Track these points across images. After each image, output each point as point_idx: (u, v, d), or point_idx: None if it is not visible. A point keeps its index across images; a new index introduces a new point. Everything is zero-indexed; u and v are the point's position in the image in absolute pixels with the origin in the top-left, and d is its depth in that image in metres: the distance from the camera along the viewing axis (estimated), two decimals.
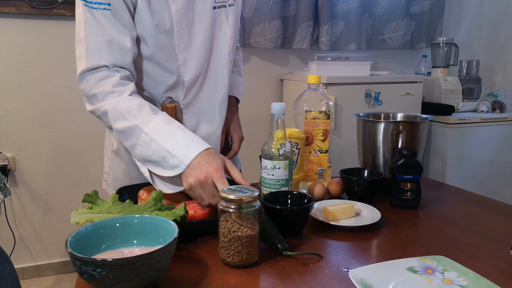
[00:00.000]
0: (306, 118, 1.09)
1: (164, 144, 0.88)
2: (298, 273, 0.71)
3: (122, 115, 0.91)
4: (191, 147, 0.88)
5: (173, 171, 0.88)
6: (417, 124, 1.08)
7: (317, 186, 1.05)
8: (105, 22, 0.92)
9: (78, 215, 0.78)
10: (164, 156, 0.88)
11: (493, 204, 1.06)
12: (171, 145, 0.88)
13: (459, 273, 0.67)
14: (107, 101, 0.92)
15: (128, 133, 0.91)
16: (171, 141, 0.88)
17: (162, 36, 0.99)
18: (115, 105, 0.91)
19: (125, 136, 0.93)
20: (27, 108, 2.29)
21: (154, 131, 0.89)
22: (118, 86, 0.93)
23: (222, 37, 1.08)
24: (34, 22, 2.21)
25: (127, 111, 0.91)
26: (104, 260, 0.57)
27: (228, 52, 1.09)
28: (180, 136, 0.90)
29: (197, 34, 1.04)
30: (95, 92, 0.93)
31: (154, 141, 0.88)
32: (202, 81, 1.09)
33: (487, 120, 2.48)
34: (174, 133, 0.90)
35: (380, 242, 0.84)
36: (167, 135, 0.89)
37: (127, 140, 0.93)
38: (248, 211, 0.71)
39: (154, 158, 0.89)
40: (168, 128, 0.91)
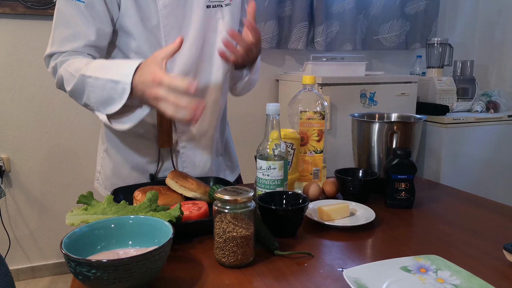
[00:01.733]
0: (301, 119, 1.09)
1: (106, 77, 0.89)
2: (292, 273, 0.71)
3: (72, 74, 0.94)
4: (130, 67, 0.87)
5: (123, 97, 0.87)
6: (411, 124, 1.08)
7: (312, 186, 1.05)
8: (75, 14, 0.96)
9: (73, 217, 0.78)
10: (111, 87, 0.88)
11: (487, 203, 1.07)
12: (112, 74, 0.88)
13: (452, 272, 0.68)
14: (61, 68, 0.97)
15: (79, 86, 0.93)
16: (111, 71, 0.89)
17: (148, 31, 1.00)
18: (67, 68, 0.95)
19: (79, 91, 0.94)
20: (22, 109, 2.28)
21: (94, 71, 0.91)
22: (67, 56, 0.98)
23: (217, 36, 1.08)
24: (28, 22, 2.20)
25: (75, 69, 0.93)
26: (99, 261, 0.57)
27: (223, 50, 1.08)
28: (118, 64, 0.92)
29: (188, 31, 1.04)
30: (51, 66, 1.00)
31: (98, 79, 0.90)
32: (193, 79, 1.06)
33: (481, 120, 2.49)
34: (112, 64, 0.93)
35: (374, 242, 0.84)
36: (108, 68, 0.91)
37: (83, 94, 0.94)
38: (243, 211, 0.72)
39: (105, 95, 0.90)
40: (107, 64, 0.94)
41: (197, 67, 1.08)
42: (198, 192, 0.97)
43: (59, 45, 0.98)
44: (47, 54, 1.01)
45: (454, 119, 2.42)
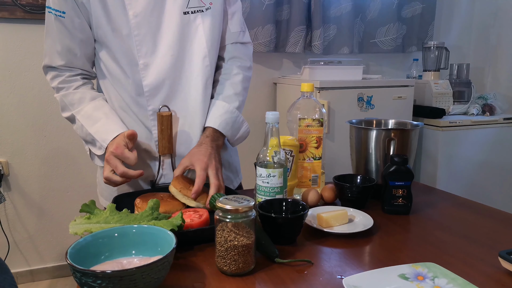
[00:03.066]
0: (300, 126, 1.11)
1: (90, 130, 1.07)
2: (292, 280, 0.73)
3: (67, 106, 1.10)
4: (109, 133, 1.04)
5: (101, 150, 1.06)
6: (408, 131, 1.10)
7: (311, 193, 1.07)
8: (59, 27, 1.05)
9: (76, 226, 0.79)
10: (92, 139, 1.07)
11: (482, 209, 1.09)
12: (95, 131, 1.06)
13: (449, 280, 0.70)
14: (58, 94, 1.12)
15: (72, 119, 1.12)
16: (95, 127, 1.06)
17: (120, 40, 1.04)
18: (62, 98, 1.11)
19: (72, 121, 1.12)
20: (20, 113, 2.29)
21: (83, 119, 1.08)
22: (64, 83, 1.11)
23: (196, 42, 1.08)
24: (27, 26, 2.21)
25: (70, 103, 1.10)
26: (104, 272, 0.58)
27: (203, 57, 1.09)
28: (102, 123, 1.06)
29: (163, 39, 1.05)
30: (51, 85, 1.13)
31: (84, 127, 1.08)
32: (169, 86, 1.08)
33: (477, 123, 2.52)
34: (98, 120, 1.07)
35: (372, 249, 0.86)
36: (93, 122, 1.07)
37: (74, 124, 1.13)
38: (244, 220, 0.73)
39: (89, 139, 1.09)
40: (94, 116, 1.08)
41: (174, 74, 1.08)
42: (201, 202, 0.98)
43: (51, 59, 1.10)
44: (44, 65, 1.12)
45: (450, 122, 2.44)
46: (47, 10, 1.06)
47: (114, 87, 1.11)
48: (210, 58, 1.10)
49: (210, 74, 1.12)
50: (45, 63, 1.11)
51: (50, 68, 1.12)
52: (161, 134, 1.08)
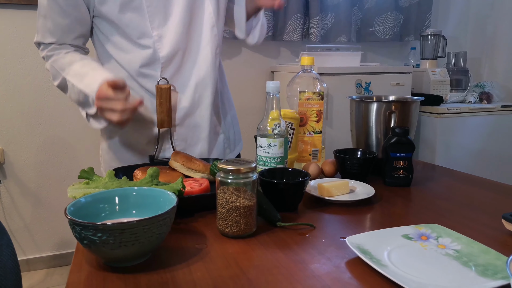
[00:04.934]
0: (300, 99, 1.10)
1: (80, 86, 1.00)
2: (295, 242, 0.72)
3: (58, 72, 1.06)
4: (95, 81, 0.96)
5: (93, 107, 0.99)
6: (409, 104, 1.10)
7: (311, 166, 1.06)
8: (52, 5, 1.01)
9: (75, 190, 0.78)
10: (84, 96, 1.00)
11: (483, 182, 1.09)
12: (84, 85, 0.99)
13: (453, 239, 0.69)
14: (48, 62, 1.08)
15: (63, 85, 1.06)
16: (83, 83, 1.00)
17: (130, 13, 1.01)
18: (52, 64, 1.07)
19: (63, 88, 1.07)
20: (15, 100, 2.26)
21: (72, 77, 1.03)
22: (53, 50, 1.08)
23: (204, 12, 1.09)
24: (22, 12, 2.18)
25: (61, 67, 1.05)
26: (105, 224, 0.57)
27: (211, 27, 1.10)
28: (89, 77, 1.00)
29: (174, 10, 1.05)
30: (41, 55, 1.10)
31: (74, 86, 1.01)
32: (181, 56, 1.09)
33: (474, 111, 2.52)
34: (85, 74, 1.01)
35: (374, 215, 0.85)
36: (81, 78, 1.01)
37: (65, 91, 1.07)
38: (245, 181, 0.72)
39: (81, 100, 1.02)
40: (82, 71, 1.02)
41: (185, 44, 1.08)
42: (206, 173, 0.97)
43: (43, 36, 1.07)
44: (35, 42, 1.10)
45: (448, 110, 2.44)
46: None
47: (119, 61, 1.09)
48: (218, 27, 1.12)
49: (219, 43, 1.14)
50: (36, 40, 1.09)
51: (41, 44, 1.10)
52: (159, 107, 1.07)
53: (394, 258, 0.64)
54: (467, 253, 0.65)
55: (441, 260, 0.63)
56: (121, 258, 0.61)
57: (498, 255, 0.62)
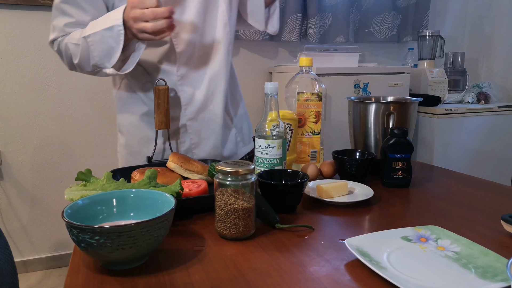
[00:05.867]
0: (299, 100, 1.09)
1: (100, 28, 0.96)
2: (294, 244, 0.71)
3: (76, 44, 1.01)
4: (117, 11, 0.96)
5: (120, 39, 0.95)
6: (407, 105, 1.09)
7: (309, 167, 1.05)
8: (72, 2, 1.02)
9: (72, 192, 0.77)
10: (108, 36, 0.96)
11: (481, 183, 1.09)
12: (105, 23, 0.96)
13: (452, 240, 0.69)
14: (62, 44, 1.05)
15: (84, 51, 1.00)
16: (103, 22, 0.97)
17: None
18: (70, 41, 1.03)
19: (86, 56, 1.01)
20: (13, 101, 2.25)
21: (91, 29, 0.98)
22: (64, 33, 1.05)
23: (217, 10, 1.12)
24: (20, 12, 2.17)
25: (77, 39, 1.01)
26: (102, 227, 0.56)
27: (224, 24, 1.13)
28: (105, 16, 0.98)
29: (190, 7, 1.07)
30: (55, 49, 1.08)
31: (96, 34, 0.97)
32: (196, 52, 1.11)
33: (472, 111, 2.52)
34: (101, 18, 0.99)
35: (373, 217, 0.85)
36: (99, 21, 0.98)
37: (88, 58, 1.01)
38: (244, 183, 0.72)
39: (105, 46, 0.97)
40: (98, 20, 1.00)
41: (200, 41, 1.11)
42: (204, 174, 0.97)
43: (60, 32, 1.05)
44: (50, 40, 1.08)
45: (446, 110, 2.45)
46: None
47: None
48: (230, 25, 1.14)
49: (231, 41, 1.16)
50: (51, 38, 1.08)
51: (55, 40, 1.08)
52: (157, 108, 1.07)
53: (394, 260, 0.63)
54: (466, 255, 0.64)
55: (441, 262, 0.63)
56: (118, 261, 0.61)
57: (498, 257, 0.62)
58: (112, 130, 2.47)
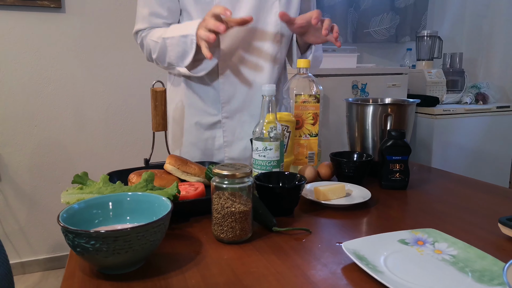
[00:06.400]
0: (296, 102, 1.09)
1: (178, 34, 1.06)
2: (291, 247, 0.71)
3: (155, 42, 1.13)
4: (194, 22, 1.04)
5: (192, 47, 1.04)
6: (405, 107, 1.09)
7: (307, 169, 1.05)
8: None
9: (68, 195, 0.77)
10: (183, 41, 1.06)
11: (479, 184, 1.09)
12: (182, 31, 1.06)
13: (449, 244, 0.69)
14: (145, 41, 1.16)
15: (162, 49, 1.11)
16: (181, 29, 1.07)
17: (201, 5, 1.10)
18: (151, 38, 1.14)
19: (163, 53, 1.12)
20: (10, 102, 2.25)
21: (170, 33, 1.09)
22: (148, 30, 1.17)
23: (270, 17, 1.14)
24: (17, 13, 2.17)
25: (157, 36, 1.12)
26: (98, 232, 0.56)
27: (275, 32, 1.15)
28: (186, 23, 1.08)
29: (241, 8, 1.11)
30: (138, 42, 1.20)
31: (174, 38, 1.08)
32: (241, 54, 1.14)
33: (470, 111, 2.52)
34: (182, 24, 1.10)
35: (370, 219, 0.85)
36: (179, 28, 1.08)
37: (165, 56, 1.12)
38: (241, 186, 0.71)
39: (180, 49, 1.07)
40: (177, 25, 1.11)
41: (246, 44, 1.14)
42: (201, 176, 0.97)
43: (141, 23, 1.17)
44: (134, 31, 1.20)
45: (444, 111, 2.45)
46: None
47: None
48: (281, 34, 1.16)
49: (280, 50, 1.18)
50: (135, 29, 1.19)
51: (139, 32, 1.18)
52: (154, 110, 1.07)
53: (391, 263, 0.63)
54: (463, 259, 0.64)
55: (438, 266, 0.63)
56: (114, 265, 0.60)
57: (495, 261, 0.62)
58: (109, 131, 2.46)
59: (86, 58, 2.35)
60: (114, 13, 2.36)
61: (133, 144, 2.51)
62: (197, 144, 1.23)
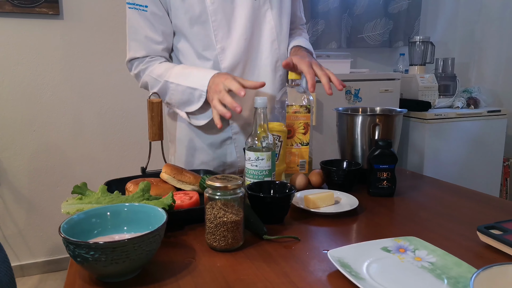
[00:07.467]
0: (288, 112, 1.13)
1: (186, 84, 1.08)
2: (280, 255, 0.75)
3: (155, 79, 1.13)
4: (205, 77, 1.06)
5: (200, 101, 1.08)
6: (393, 117, 1.14)
7: (298, 177, 1.09)
8: (142, 20, 1.12)
9: (68, 206, 0.81)
10: (189, 92, 1.08)
11: (464, 191, 1.13)
12: (191, 82, 1.08)
13: (429, 251, 0.73)
14: (144, 75, 1.16)
15: (163, 89, 1.13)
16: (190, 80, 1.08)
17: (197, 26, 1.11)
18: (150, 74, 1.14)
19: (163, 93, 1.14)
20: (9, 107, 2.28)
21: (176, 78, 1.10)
22: (147, 63, 1.16)
23: (265, 26, 1.17)
24: (16, 20, 2.20)
25: (158, 74, 1.13)
26: (97, 243, 0.60)
27: (272, 41, 1.18)
28: (195, 74, 1.10)
29: (236, 24, 1.12)
30: (134, 72, 1.18)
31: (179, 85, 1.09)
32: (242, 68, 1.17)
33: (462, 116, 2.57)
34: (190, 73, 1.11)
35: (357, 227, 0.89)
36: (186, 76, 1.10)
37: (165, 96, 1.15)
38: (233, 197, 0.75)
39: (185, 98, 1.10)
40: (185, 72, 1.11)
41: (246, 57, 1.16)
42: (196, 185, 1.00)
43: (135, 51, 1.15)
44: (127, 60, 1.18)
45: (436, 115, 2.50)
46: (128, 6, 1.12)
47: None
48: (278, 41, 1.19)
49: (279, 57, 1.21)
50: (128, 57, 1.16)
51: (133, 61, 1.17)
52: (151, 120, 1.10)
53: (372, 271, 0.67)
54: (441, 266, 0.68)
55: (416, 273, 0.67)
56: (112, 274, 0.64)
57: (470, 268, 0.66)
58: (107, 136, 2.50)
59: (84, 64, 2.38)
60: (112, 20, 2.39)
61: (131, 148, 2.54)
62: (209, 163, 1.25)
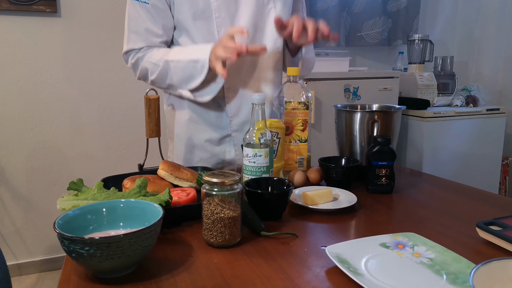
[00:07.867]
0: (286, 109, 1.12)
1: (186, 58, 1.07)
2: (278, 251, 0.75)
3: (155, 64, 1.12)
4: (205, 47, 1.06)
5: (203, 72, 1.06)
6: (391, 114, 1.13)
7: (297, 174, 1.09)
8: (143, 13, 1.11)
9: (64, 202, 0.80)
10: (192, 66, 1.07)
11: (463, 188, 1.12)
12: (192, 55, 1.07)
13: (428, 247, 0.72)
14: (142, 62, 1.14)
15: (163, 71, 1.11)
16: (190, 54, 1.08)
17: (200, 22, 1.11)
18: (149, 60, 1.13)
19: (163, 76, 1.12)
20: (6, 106, 2.27)
21: (176, 56, 1.10)
22: (144, 51, 1.15)
23: (268, 25, 1.16)
24: (13, 18, 2.19)
25: (158, 59, 1.11)
26: (92, 238, 0.59)
27: (275, 39, 1.17)
28: (195, 48, 1.10)
29: (240, 21, 1.12)
30: (132, 62, 1.16)
31: (180, 61, 1.08)
32: (246, 65, 1.16)
33: (461, 114, 2.57)
34: (189, 49, 1.11)
35: (356, 223, 0.88)
36: (186, 52, 1.09)
37: (166, 77, 1.13)
38: (230, 193, 0.75)
39: (187, 73, 1.08)
40: (185, 49, 1.12)
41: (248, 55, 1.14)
42: (193, 181, 1.00)
43: (134, 42, 1.14)
44: (124, 51, 1.17)
45: (435, 113, 2.49)
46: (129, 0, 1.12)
47: None
48: (281, 40, 1.19)
49: (280, 57, 1.21)
50: (126, 49, 1.15)
51: (130, 52, 1.16)
52: (148, 117, 1.10)
53: (371, 266, 0.67)
54: (440, 262, 0.68)
55: (415, 268, 0.67)
56: (108, 270, 0.63)
57: (469, 264, 0.66)
58: (104, 134, 2.49)
59: (82, 62, 2.38)
60: (110, 17, 2.38)
61: (128, 146, 2.53)
62: (208, 160, 1.24)
